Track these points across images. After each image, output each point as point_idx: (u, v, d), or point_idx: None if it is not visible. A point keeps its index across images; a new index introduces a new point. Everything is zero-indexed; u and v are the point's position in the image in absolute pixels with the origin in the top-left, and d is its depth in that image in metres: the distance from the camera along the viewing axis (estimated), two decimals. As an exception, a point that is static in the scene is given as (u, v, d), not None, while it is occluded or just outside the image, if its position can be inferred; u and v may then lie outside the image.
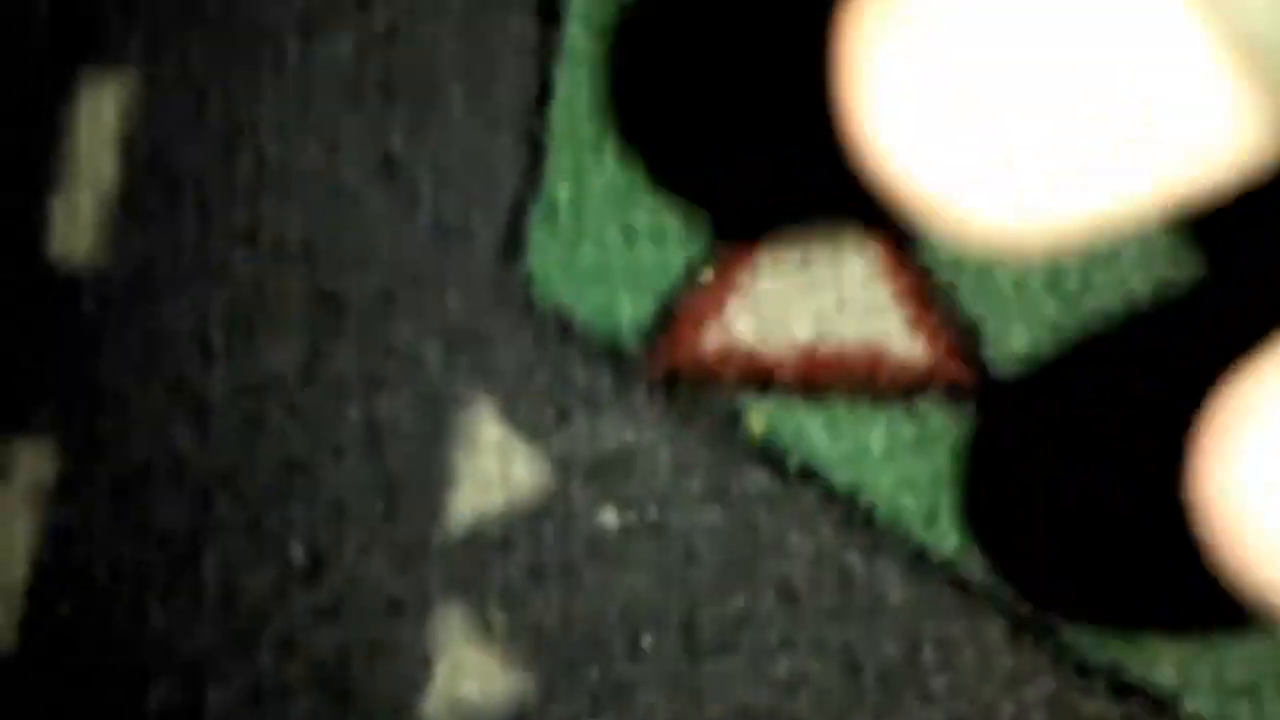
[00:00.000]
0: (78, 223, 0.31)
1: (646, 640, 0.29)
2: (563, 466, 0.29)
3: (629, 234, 0.29)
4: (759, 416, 0.29)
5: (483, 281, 0.30)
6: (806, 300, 0.29)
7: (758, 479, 0.29)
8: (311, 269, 0.30)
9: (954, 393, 0.29)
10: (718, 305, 0.29)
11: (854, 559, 0.29)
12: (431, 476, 0.30)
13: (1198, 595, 0.28)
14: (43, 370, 0.31)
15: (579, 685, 0.29)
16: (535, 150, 0.30)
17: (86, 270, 0.31)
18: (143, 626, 0.30)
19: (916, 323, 0.29)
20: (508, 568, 0.29)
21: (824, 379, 0.29)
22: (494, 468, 0.29)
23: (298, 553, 0.30)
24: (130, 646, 0.30)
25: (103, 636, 0.30)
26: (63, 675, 0.30)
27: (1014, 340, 0.29)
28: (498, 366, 0.30)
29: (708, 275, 0.29)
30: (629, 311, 0.29)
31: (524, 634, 0.29)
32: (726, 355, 0.29)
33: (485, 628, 0.29)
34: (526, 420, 0.30)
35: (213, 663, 0.30)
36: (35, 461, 0.31)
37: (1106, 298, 0.29)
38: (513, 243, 0.30)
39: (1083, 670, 0.28)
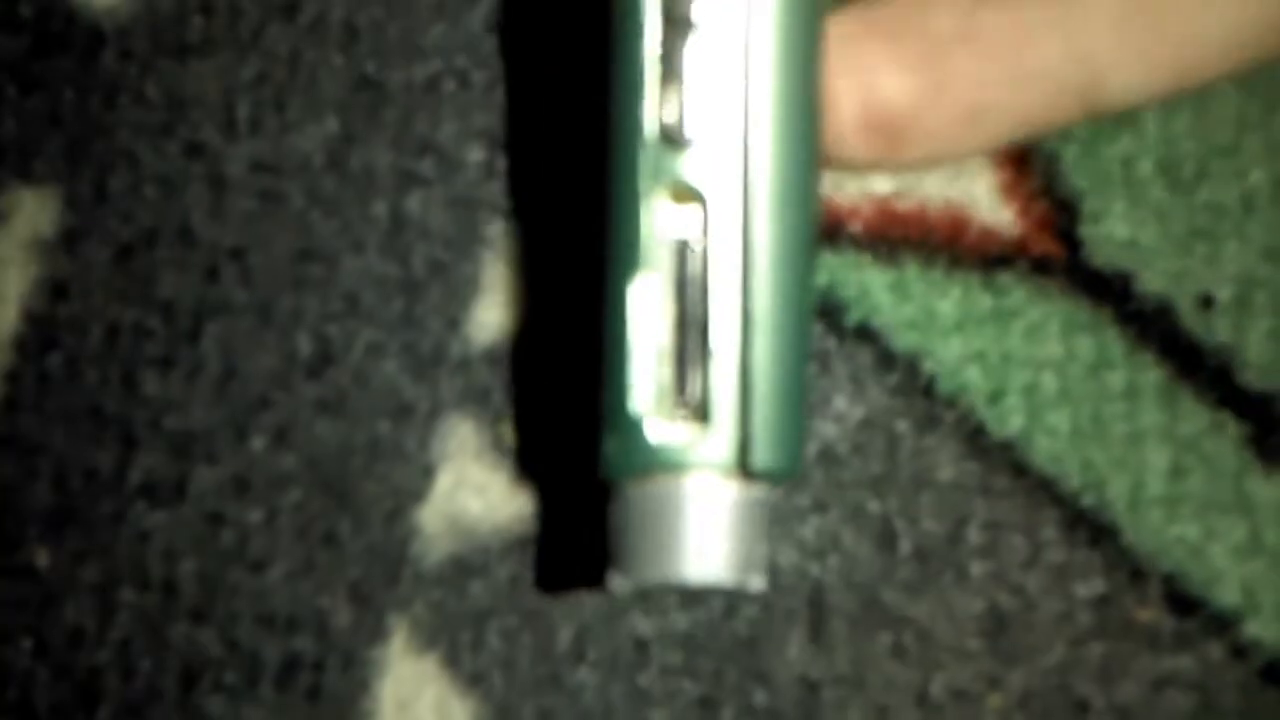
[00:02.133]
0: (107, -35, 0.29)
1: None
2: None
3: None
4: (822, 268, 0.28)
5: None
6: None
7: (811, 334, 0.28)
8: (352, 51, 0.29)
9: (1040, 269, 0.28)
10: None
11: (904, 428, 0.28)
12: (456, 284, 0.29)
13: (1272, 516, 0.28)
14: (55, 119, 0.29)
15: (589, 514, 0.28)
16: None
17: (110, 20, 0.29)
18: (134, 394, 0.29)
19: (1009, 189, 0.28)
20: (527, 387, 0.28)
21: (898, 236, 0.28)
22: (523, 284, 0.29)
23: (304, 343, 0.29)
24: (119, 412, 0.29)
25: (91, 398, 0.29)
26: (46, 432, 0.29)
27: (1114, 223, 0.28)
28: (540, 180, 0.29)
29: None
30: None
31: (537, 456, 0.28)
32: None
33: (496, 445, 0.28)
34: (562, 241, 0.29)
35: (203, 442, 0.29)
36: (37, 211, 0.29)
37: (1222, 190, 0.28)
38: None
39: (1138, 575, 0.28)
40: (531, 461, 0.28)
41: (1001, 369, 0.28)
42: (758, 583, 0.21)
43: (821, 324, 0.28)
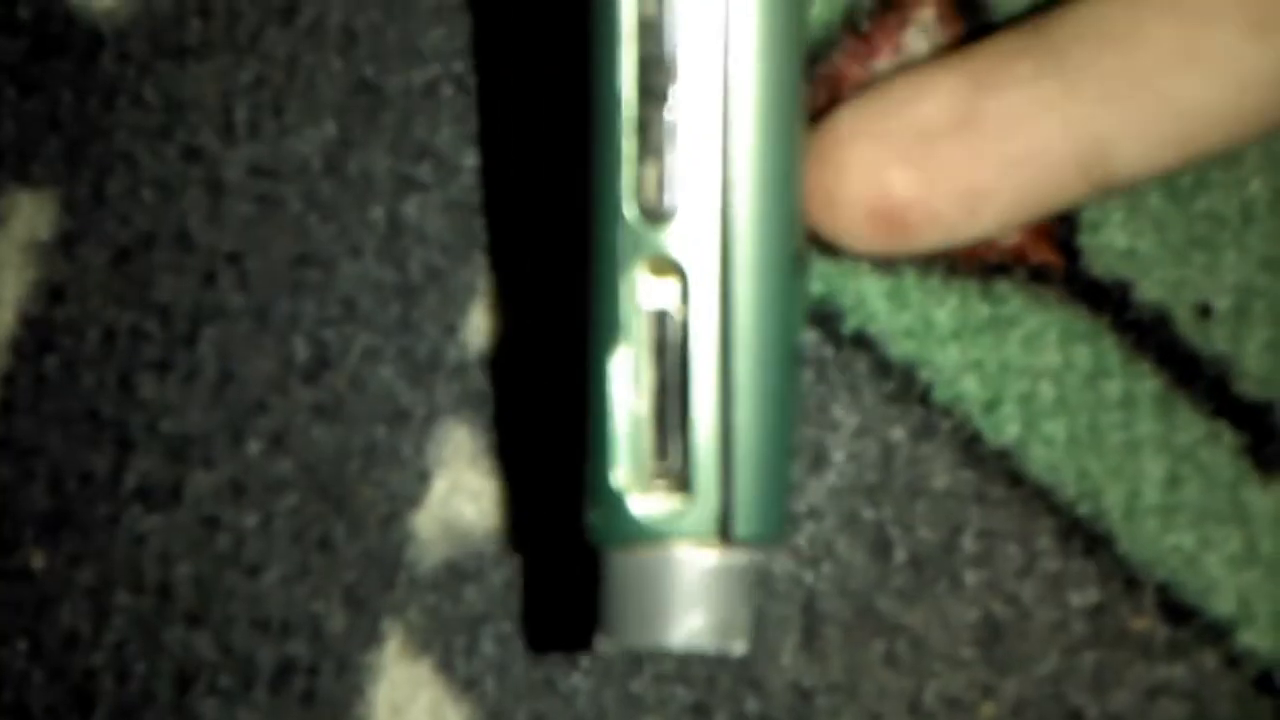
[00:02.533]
0: (106, -32, 0.29)
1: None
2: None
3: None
4: (818, 276, 0.28)
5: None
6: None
7: (807, 341, 0.28)
8: (350, 55, 0.29)
9: (1038, 277, 0.28)
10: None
11: (899, 436, 0.28)
12: (453, 289, 0.29)
13: (1267, 526, 0.28)
14: (53, 122, 0.29)
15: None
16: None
17: (109, 23, 0.29)
18: (131, 397, 0.29)
19: None
20: (523, 393, 0.28)
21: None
22: (520, 290, 0.29)
23: (301, 347, 0.29)
24: (115, 416, 0.29)
25: (87, 401, 0.29)
26: (42, 435, 0.29)
27: (1112, 232, 0.28)
28: (536, 187, 0.29)
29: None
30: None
31: (532, 465, 0.28)
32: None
33: (491, 451, 0.28)
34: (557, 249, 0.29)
35: (199, 446, 0.29)
36: (35, 214, 0.29)
37: (1221, 200, 0.28)
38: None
39: (1133, 584, 0.28)
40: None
41: (998, 377, 0.28)
42: (740, 647, 0.21)
43: (818, 331, 0.28)
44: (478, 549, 0.28)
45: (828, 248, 0.25)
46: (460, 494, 0.29)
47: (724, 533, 0.20)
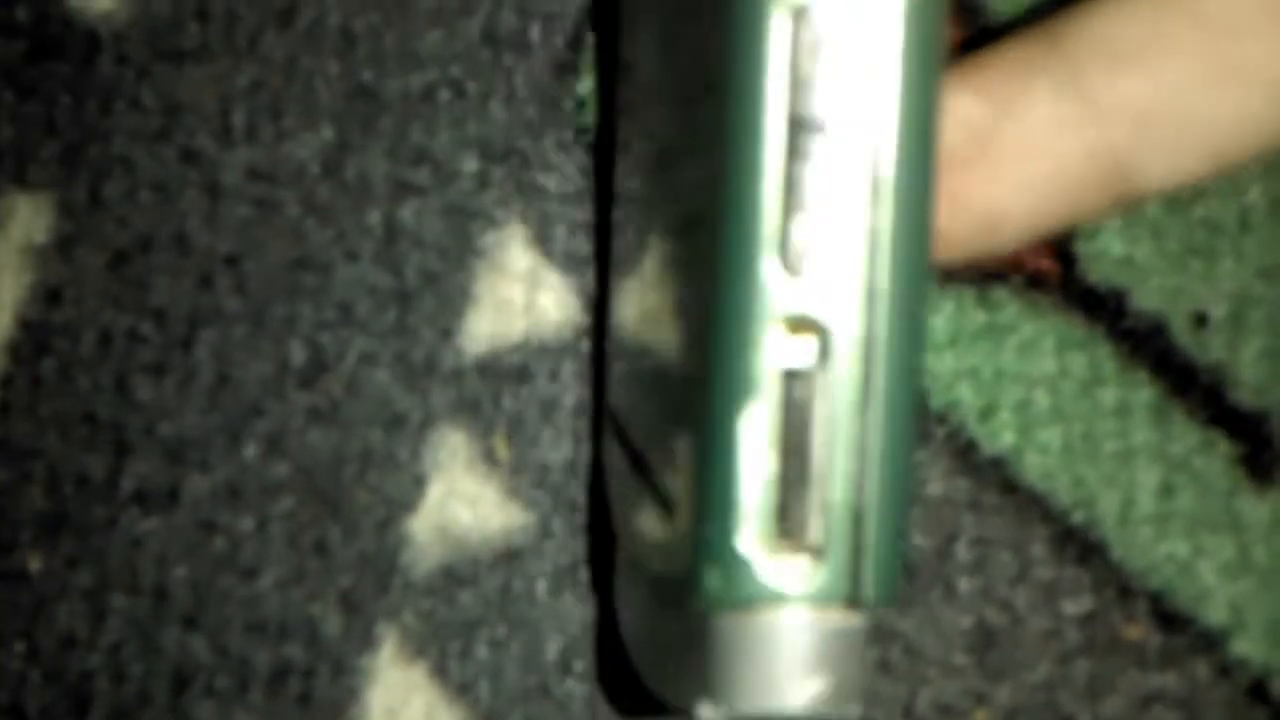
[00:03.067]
0: (103, -30, 0.29)
1: (646, 490, 0.28)
2: (591, 305, 0.29)
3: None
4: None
5: (532, 98, 0.29)
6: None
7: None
8: (348, 59, 0.29)
9: (1034, 285, 0.28)
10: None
11: (891, 447, 0.28)
12: (449, 294, 0.29)
13: (1261, 535, 0.28)
14: (50, 125, 0.29)
15: (576, 530, 0.28)
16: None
17: (106, 26, 0.29)
18: (127, 400, 0.29)
19: None
20: (520, 400, 0.29)
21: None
22: (518, 296, 0.29)
23: (298, 351, 0.29)
24: (112, 418, 0.29)
25: (84, 404, 0.29)
26: (39, 437, 0.29)
27: (1109, 239, 0.28)
28: (535, 190, 0.29)
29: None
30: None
31: (528, 470, 0.28)
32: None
33: (488, 457, 0.29)
34: (560, 252, 0.29)
35: (196, 449, 0.29)
36: (32, 216, 0.29)
37: (1218, 208, 0.28)
38: (570, 62, 0.29)
39: (1126, 593, 0.28)
40: (523, 478, 0.28)
41: (994, 384, 0.28)
42: (855, 711, 0.20)
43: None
44: (473, 554, 0.29)
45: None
46: (456, 499, 0.29)
47: (853, 596, 0.20)
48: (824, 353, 0.20)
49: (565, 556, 0.28)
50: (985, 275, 0.28)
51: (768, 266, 0.20)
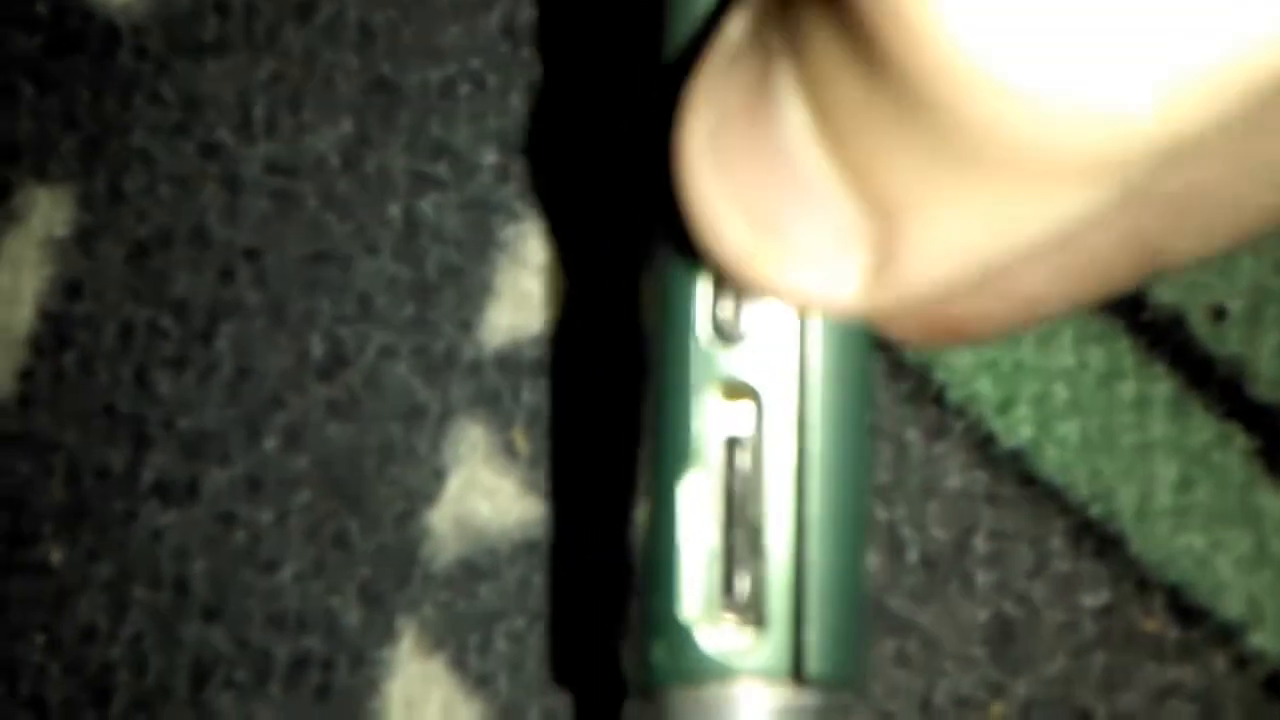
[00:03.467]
0: (123, -36, 0.29)
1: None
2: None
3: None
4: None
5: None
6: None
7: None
8: (368, 52, 0.29)
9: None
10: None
11: (913, 437, 0.28)
12: (469, 287, 0.29)
13: (1278, 528, 0.28)
14: (70, 118, 0.29)
15: (595, 524, 0.28)
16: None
17: (125, 19, 0.29)
18: (148, 393, 0.29)
19: None
20: (540, 393, 0.29)
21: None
22: (537, 289, 0.29)
23: (317, 344, 0.29)
24: (132, 411, 0.29)
25: (105, 397, 0.29)
26: (60, 430, 0.29)
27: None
28: (555, 185, 0.29)
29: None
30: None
31: (547, 464, 0.29)
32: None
33: (507, 450, 0.29)
34: (578, 247, 0.29)
35: (216, 442, 0.29)
36: (52, 210, 0.29)
37: None
38: (587, 60, 0.29)
39: (1144, 586, 0.28)
40: (542, 471, 0.29)
41: (1012, 378, 0.28)
42: None
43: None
44: (492, 547, 0.29)
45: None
46: (475, 491, 0.29)
47: (796, 671, 0.19)
48: (760, 419, 0.19)
49: (581, 549, 0.28)
50: (1004, 269, 0.28)
51: (701, 332, 0.19)
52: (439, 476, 0.29)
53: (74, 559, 0.29)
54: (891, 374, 0.28)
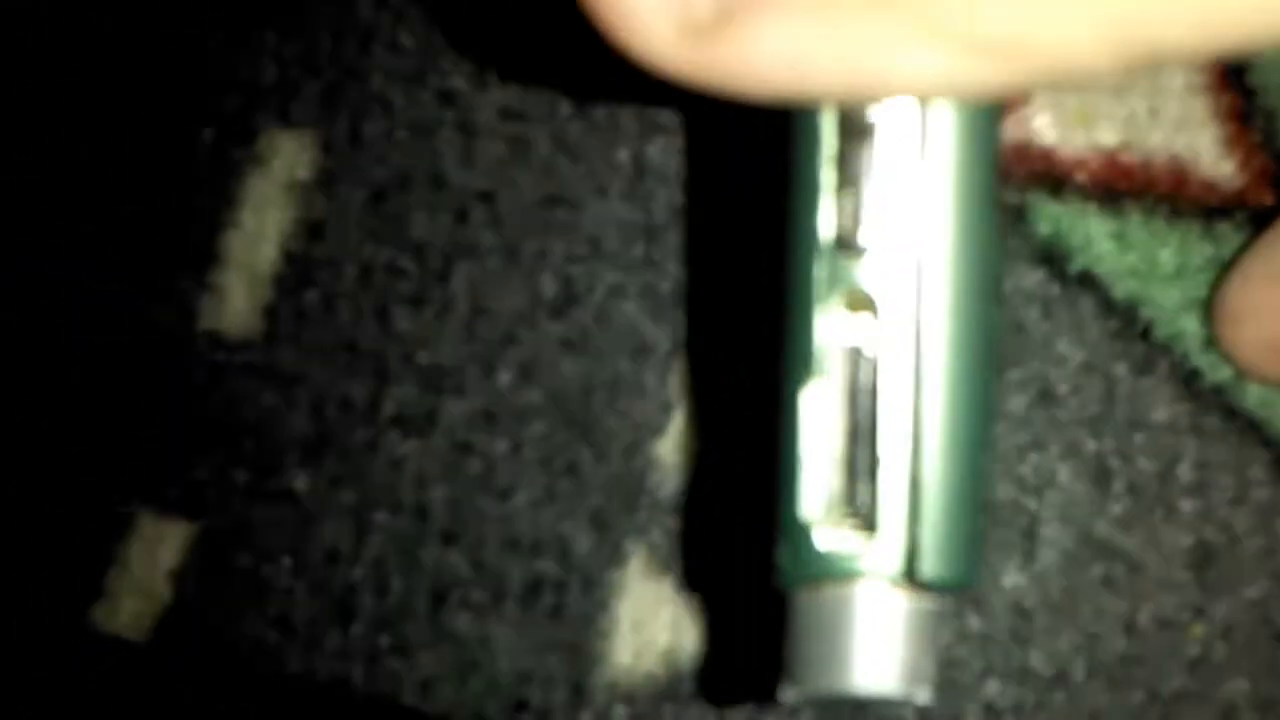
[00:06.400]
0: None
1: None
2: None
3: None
4: (1047, 217, 0.29)
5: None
6: (1116, 104, 0.29)
7: (1034, 279, 0.30)
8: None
9: (1259, 220, 0.29)
10: (1018, 101, 0.29)
11: (1121, 371, 0.30)
12: (695, 225, 0.30)
13: None
14: (311, 65, 0.31)
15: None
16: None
17: (363, -32, 0.31)
18: (387, 330, 0.30)
19: (1231, 142, 0.29)
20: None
21: (1122, 187, 0.29)
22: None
23: (549, 283, 0.30)
24: (373, 347, 0.30)
25: (346, 333, 0.30)
26: (304, 364, 0.30)
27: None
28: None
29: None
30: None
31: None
32: (1021, 151, 0.29)
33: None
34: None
35: (453, 376, 0.30)
36: (295, 154, 0.31)
37: None
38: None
39: (1351, 519, 0.29)
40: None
41: (1217, 316, 0.29)
42: (924, 695, 0.20)
43: (1045, 271, 0.30)
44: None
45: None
46: (706, 423, 0.30)
47: (910, 574, 0.20)
48: (879, 330, 0.20)
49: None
50: (1210, 211, 0.30)
51: (824, 244, 0.20)
52: (666, 410, 0.30)
53: (318, 486, 0.30)
54: (1101, 312, 0.30)
